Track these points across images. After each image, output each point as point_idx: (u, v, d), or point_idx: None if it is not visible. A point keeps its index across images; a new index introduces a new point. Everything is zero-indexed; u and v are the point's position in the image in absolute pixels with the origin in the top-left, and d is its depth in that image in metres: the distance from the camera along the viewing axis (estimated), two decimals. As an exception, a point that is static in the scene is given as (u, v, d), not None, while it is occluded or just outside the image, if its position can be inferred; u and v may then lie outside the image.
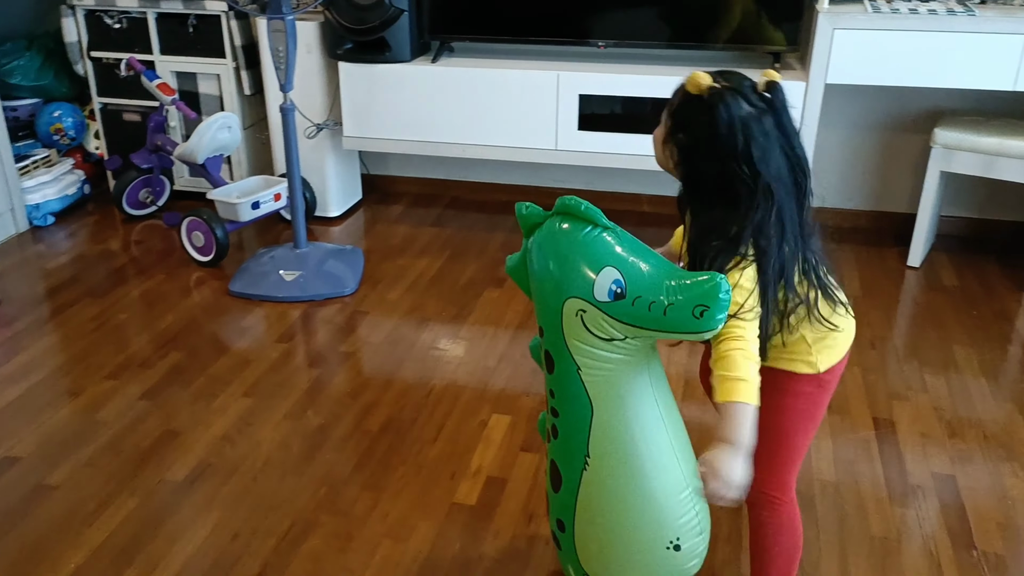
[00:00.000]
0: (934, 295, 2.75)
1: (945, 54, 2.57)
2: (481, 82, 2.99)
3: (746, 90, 1.29)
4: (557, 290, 1.30)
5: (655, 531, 1.40)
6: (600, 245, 1.28)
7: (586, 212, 1.29)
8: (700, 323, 1.22)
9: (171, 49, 3.25)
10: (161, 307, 2.70)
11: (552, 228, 1.33)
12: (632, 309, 1.25)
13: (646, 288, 1.25)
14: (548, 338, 1.36)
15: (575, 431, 1.38)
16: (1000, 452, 2.00)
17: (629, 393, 1.35)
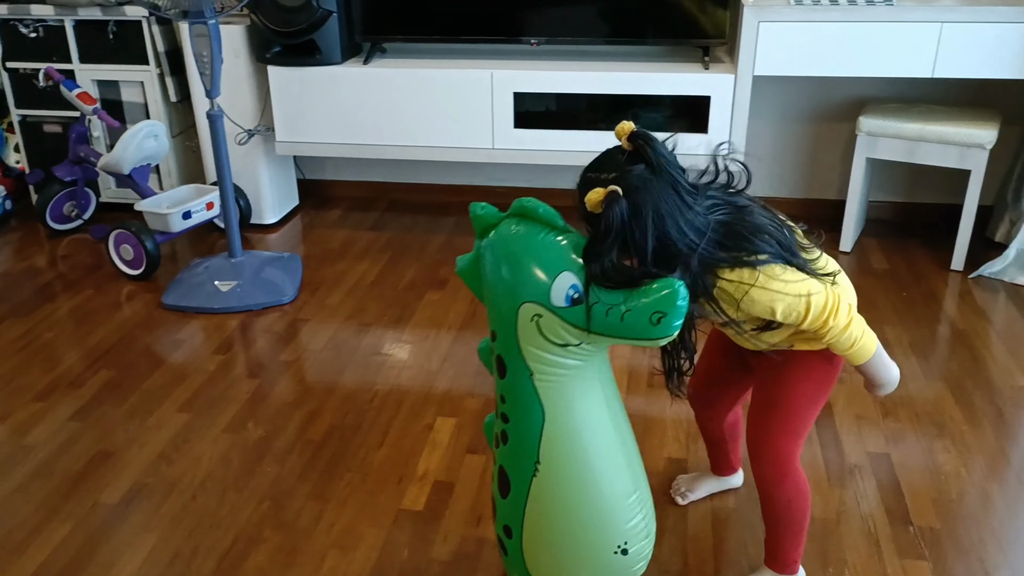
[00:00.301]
0: (865, 279, 2.82)
1: (866, 44, 2.64)
2: (415, 83, 2.96)
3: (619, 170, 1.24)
4: (512, 294, 1.28)
5: (604, 536, 1.40)
6: (557, 249, 1.25)
7: (544, 215, 1.26)
8: (657, 329, 1.21)
9: (91, 57, 3.15)
10: (90, 323, 2.61)
11: (507, 230, 1.30)
12: (588, 315, 1.23)
13: (603, 294, 1.23)
14: (501, 343, 1.33)
15: (526, 437, 1.36)
16: (932, 430, 2.06)
17: (581, 399, 1.34)
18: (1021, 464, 1.94)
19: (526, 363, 1.31)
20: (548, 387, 1.32)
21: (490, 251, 1.31)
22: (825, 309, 1.32)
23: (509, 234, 1.29)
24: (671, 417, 2.11)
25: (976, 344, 2.43)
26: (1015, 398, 2.18)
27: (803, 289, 1.32)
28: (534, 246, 1.26)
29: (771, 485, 1.50)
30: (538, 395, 1.32)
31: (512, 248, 1.28)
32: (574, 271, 1.24)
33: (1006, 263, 2.75)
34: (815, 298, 1.32)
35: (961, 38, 2.58)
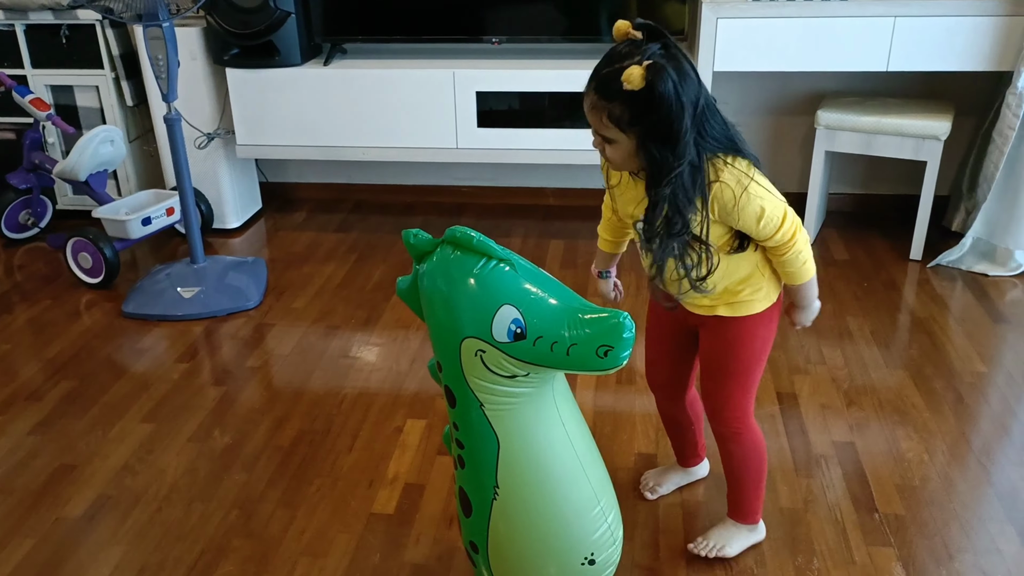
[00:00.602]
0: (827, 270, 2.86)
1: (823, 39, 2.68)
2: (376, 83, 2.94)
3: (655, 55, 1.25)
4: (453, 330, 1.23)
5: (569, 551, 1.39)
6: (496, 281, 1.21)
7: (478, 246, 1.21)
8: (604, 362, 1.19)
9: (44, 62, 3.08)
10: (49, 334, 2.55)
11: (444, 259, 1.24)
12: (533, 349, 1.20)
13: (548, 326, 1.20)
14: (447, 374, 1.30)
15: (482, 463, 1.34)
16: (895, 417, 2.09)
17: (535, 422, 1.32)
18: (981, 447, 1.98)
19: (475, 395, 1.27)
20: (500, 416, 1.29)
21: (430, 281, 1.26)
22: (795, 222, 1.39)
23: (448, 262, 1.23)
24: (640, 412, 2.12)
25: (935, 331, 2.47)
26: (974, 383, 2.23)
27: (781, 197, 1.39)
28: (473, 278, 1.21)
29: (731, 442, 1.61)
30: (490, 424, 1.29)
31: (452, 280, 1.22)
32: (515, 303, 1.20)
33: (963, 251, 2.81)
34: (789, 209, 1.39)
35: (914, 32, 2.62)
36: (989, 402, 2.15)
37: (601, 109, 1.30)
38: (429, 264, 1.26)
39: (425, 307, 1.29)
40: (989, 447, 1.98)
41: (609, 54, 1.30)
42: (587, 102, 1.33)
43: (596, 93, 1.30)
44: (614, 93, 1.27)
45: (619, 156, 1.35)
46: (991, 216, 2.76)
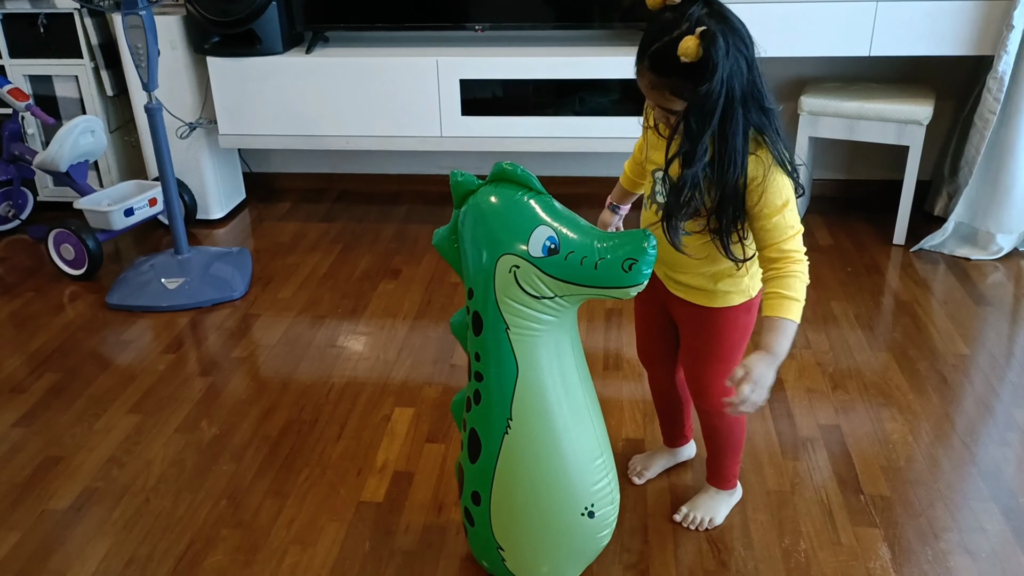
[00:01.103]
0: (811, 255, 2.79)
1: (805, 24, 2.69)
2: (359, 72, 2.92)
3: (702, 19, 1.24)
4: (492, 246, 1.34)
5: (571, 496, 1.45)
6: (534, 206, 1.34)
7: (522, 176, 1.34)
8: (628, 276, 1.29)
9: (21, 51, 3.04)
10: (32, 327, 2.53)
11: (487, 192, 1.37)
12: (565, 264, 1.30)
13: (578, 243, 1.31)
14: (478, 298, 1.39)
15: (499, 393, 1.41)
16: (879, 399, 2.11)
17: (553, 356, 1.40)
18: (965, 428, 2.00)
19: (503, 316, 1.36)
20: (522, 341, 1.37)
21: (473, 209, 1.38)
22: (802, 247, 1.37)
23: (491, 193, 1.36)
24: (627, 398, 2.13)
25: (919, 314, 2.50)
26: (957, 364, 2.25)
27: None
28: (514, 203, 1.34)
29: (714, 418, 1.66)
30: (513, 349, 1.37)
31: (492, 206, 1.35)
32: (549, 225, 1.32)
33: (945, 236, 2.83)
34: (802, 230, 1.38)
35: (896, 16, 2.64)
36: (972, 383, 2.18)
37: (662, 87, 1.29)
38: (473, 199, 1.38)
39: (466, 235, 1.39)
40: (973, 427, 2.01)
41: (654, 25, 1.27)
42: (644, 81, 1.31)
43: (653, 72, 1.28)
44: (672, 68, 1.25)
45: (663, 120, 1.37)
46: (972, 200, 2.79)
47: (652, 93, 1.32)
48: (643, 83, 1.32)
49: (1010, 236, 2.78)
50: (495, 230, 1.35)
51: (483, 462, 1.46)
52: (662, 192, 1.44)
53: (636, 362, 2.27)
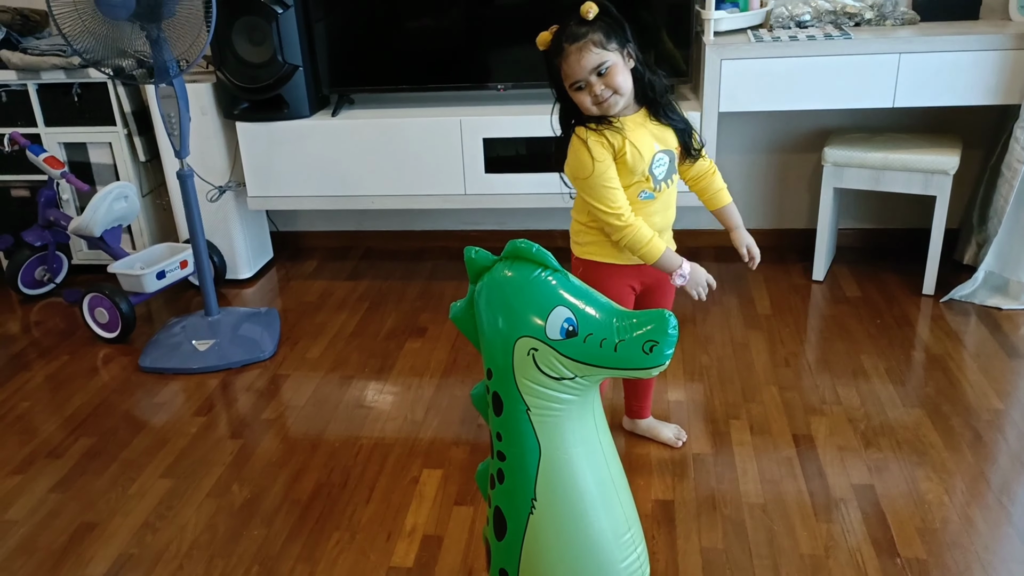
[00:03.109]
0: (839, 307, 2.87)
1: (827, 77, 2.70)
2: (384, 132, 2.98)
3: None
4: (509, 329, 1.33)
5: (600, 575, 1.42)
6: (551, 286, 1.33)
7: (537, 255, 1.34)
8: (649, 358, 1.27)
9: (57, 120, 3.14)
10: (67, 390, 2.58)
11: (502, 270, 1.37)
12: (584, 346, 1.29)
13: (597, 325, 1.30)
14: (497, 379, 1.38)
15: (522, 474, 1.39)
16: (913, 458, 2.08)
17: (576, 434, 1.38)
18: (1000, 486, 1.96)
19: (522, 397, 1.35)
20: (544, 422, 1.36)
21: (488, 289, 1.37)
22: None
23: (504, 274, 1.36)
24: (656, 458, 2.12)
25: (951, 367, 2.47)
26: (991, 420, 2.21)
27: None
28: (530, 283, 1.33)
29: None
30: (534, 430, 1.36)
31: (510, 285, 1.34)
32: (567, 305, 1.31)
33: (975, 286, 2.81)
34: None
35: (919, 68, 2.64)
36: (1007, 439, 2.14)
37: (585, 47, 1.66)
38: (488, 276, 1.38)
39: (482, 315, 1.38)
40: (1009, 486, 1.97)
41: (555, 37, 1.71)
42: (572, 58, 1.67)
43: (573, 40, 1.67)
44: (583, 31, 1.66)
45: (623, 78, 1.70)
46: (1003, 249, 2.76)
47: (584, 58, 1.67)
48: (572, 60, 1.67)
49: (1041, 285, 2.75)
50: (511, 312, 1.34)
51: (509, 540, 1.44)
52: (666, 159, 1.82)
53: (663, 417, 2.26)
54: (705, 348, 2.64)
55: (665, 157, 1.82)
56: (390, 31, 3.00)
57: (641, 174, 1.78)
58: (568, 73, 1.71)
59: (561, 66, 1.71)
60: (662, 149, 1.81)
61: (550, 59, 1.74)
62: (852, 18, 2.83)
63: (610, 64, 1.69)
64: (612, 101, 1.72)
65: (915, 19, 2.81)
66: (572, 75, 1.70)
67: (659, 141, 1.81)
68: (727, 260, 3.23)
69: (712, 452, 2.13)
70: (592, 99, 1.72)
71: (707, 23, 2.75)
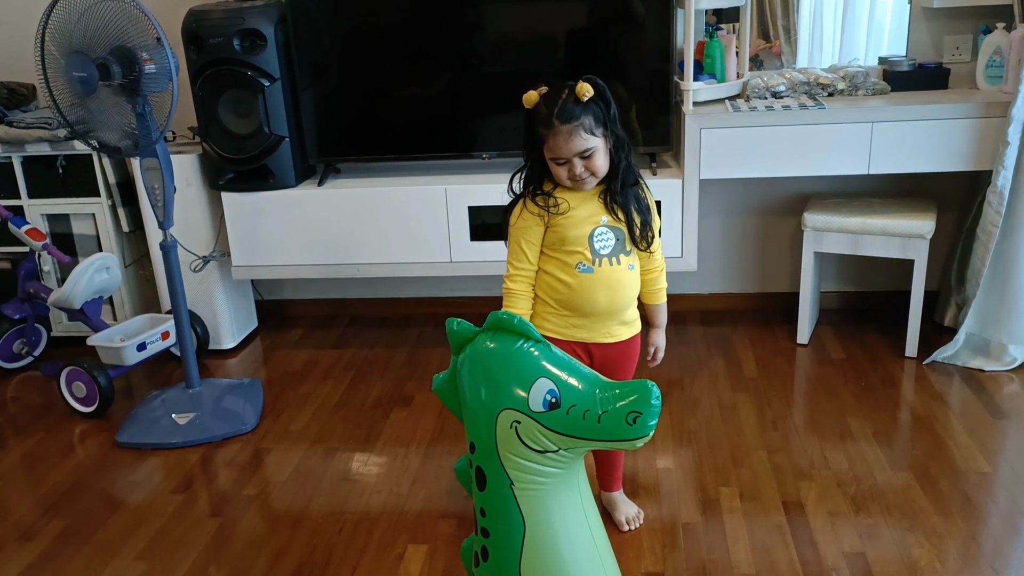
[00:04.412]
0: (824, 369, 2.87)
1: (803, 145, 2.76)
2: (370, 201, 3.00)
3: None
4: (492, 402, 1.32)
5: None
6: (533, 358, 1.32)
7: (519, 326, 1.33)
8: (633, 430, 1.26)
9: (41, 192, 3.14)
10: (42, 469, 2.51)
11: (484, 342, 1.36)
12: (567, 418, 1.28)
13: (580, 396, 1.29)
14: (480, 453, 1.36)
15: (507, 551, 1.36)
16: (904, 523, 2.06)
17: (561, 508, 1.36)
18: (992, 551, 1.94)
19: (506, 472, 1.33)
20: (528, 496, 1.33)
21: (470, 362, 1.36)
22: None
23: (486, 346, 1.35)
24: (646, 528, 2.08)
25: (937, 429, 2.46)
26: (980, 483, 2.20)
27: None
28: (512, 355, 1.32)
29: None
30: (518, 505, 1.34)
31: (492, 358, 1.33)
32: (550, 377, 1.30)
33: (957, 347, 2.82)
34: None
35: (891, 136, 2.71)
36: (996, 502, 2.12)
37: (575, 129, 1.68)
38: (470, 347, 1.36)
39: (465, 387, 1.37)
40: (1000, 550, 1.95)
41: (544, 100, 1.72)
42: (560, 138, 1.69)
43: (567, 121, 1.68)
44: (577, 111, 1.68)
45: (603, 161, 1.74)
46: (982, 311, 2.79)
47: (572, 141, 1.69)
48: (558, 140, 1.69)
49: (1022, 347, 2.77)
50: (494, 384, 1.32)
51: None
52: (612, 236, 1.81)
53: (652, 485, 2.24)
54: (693, 411, 2.63)
55: (610, 233, 1.81)
56: (376, 101, 3.04)
57: (576, 243, 1.79)
58: (553, 147, 1.73)
59: (547, 138, 1.73)
60: (609, 224, 1.81)
61: (533, 122, 1.75)
62: (825, 88, 2.90)
63: (594, 149, 1.72)
64: (588, 181, 1.76)
65: (886, 89, 2.89)
66: (557, 151, 1.73)
67: (608, 215, 1.81)
68: (712, 323, 3.25)
69: (702, 521, 2.10)
70: (568, 175, 1.75)
71: (686, 93, 2.81)
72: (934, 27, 3.00)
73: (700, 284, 3.36)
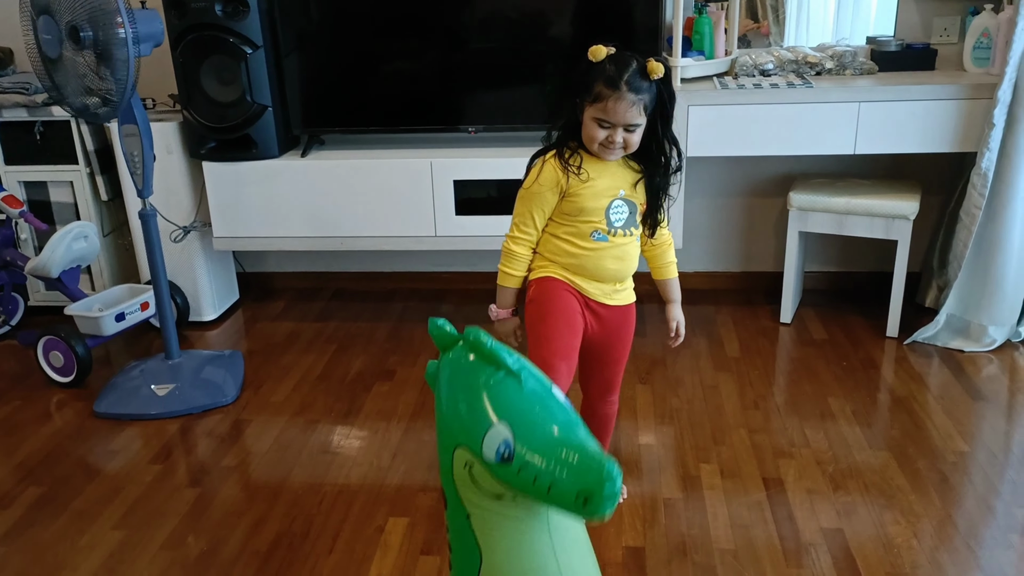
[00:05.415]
0: (806, 349, 2.88)
1: (790, 124, 2.75)
2: (354, 173, 2.97)
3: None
4: (450, 434, 1.22)
5: None
6: (498, 396, 1.17)
7: (490, 352, 1.19)
8: (583, 511, 1.10)
9: (17, 158, 3.08)
10: (18, 437, 2.48)
11: (457, 360, 1.23)
12: (517, 477, 1.15)
13: (534, 456, 1.13)
14: (442, 473, 1.26)
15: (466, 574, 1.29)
16: (881, 500, 2.08)
17: (522, 545, 1.24)
18: (968, 530, 1.96)
19: (462, 503, 1.24)
20: (485, 531, 1.24)
21: (440, 379, 1.25)
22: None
23: (458, 366, 1.22)
24: (627, 504, 2.09)
25: (916, 409, 2.48)
26: (957, 462, 2.22)
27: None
28: (478, 388, 1.18)
29: (614, 406, 2.04)
30: (475, 536, 1.24)
31: (458, 385, 1.21)
32: (510, 423, 1.15)
33: (937, 328, 2.84)
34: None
35: (878, 116, 2.70)
36: (973, 482, 2.14)
37: (637, 102, 1.67)
38: (445, 359, 1.26)
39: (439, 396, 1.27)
40: (976, 529, 1.97)
41: (615, 65, 1.67)
42: (622, 104, 1.66)
43: (633, 92, 1.66)
44: (644, 87, 1.67)
45: (638, 138, 1.73)
46: (963, 293, 2.81)
47: (631, 111, 1.67)
48: (620, 108, 1.67)
49: (1002, 328, 2.79)
50: (454, 417, 1.21)
51: None
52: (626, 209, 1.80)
53: (634, 462, 2.24)
54: (675, 390, 2.63)
55: (625, 206, 1.80)
56: (362, 72, 3.00)
57: (594, 214, 1.78)
58: (608, 109, 1.68)
59: (605, 98, 1.67)
60: (626, 196, 1.81)
61: (592, 77, 1.69)
62: (813, 67, 2.89)
63: (640, 126, 1.71)
64: (617, 152, 1.74)
65: (874, 69, 2.89)
66: (610, 115, 1.68)
67: (625, 189, 1.80)
68: (696, 302, 3.25)
69: (683, 497, 2.11)
70: (604, 141, 1.72)
71: (674, 70, 2.79)
72: (923, 8, 2.99)
73: (685, 263, 3.32)
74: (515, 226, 1.85)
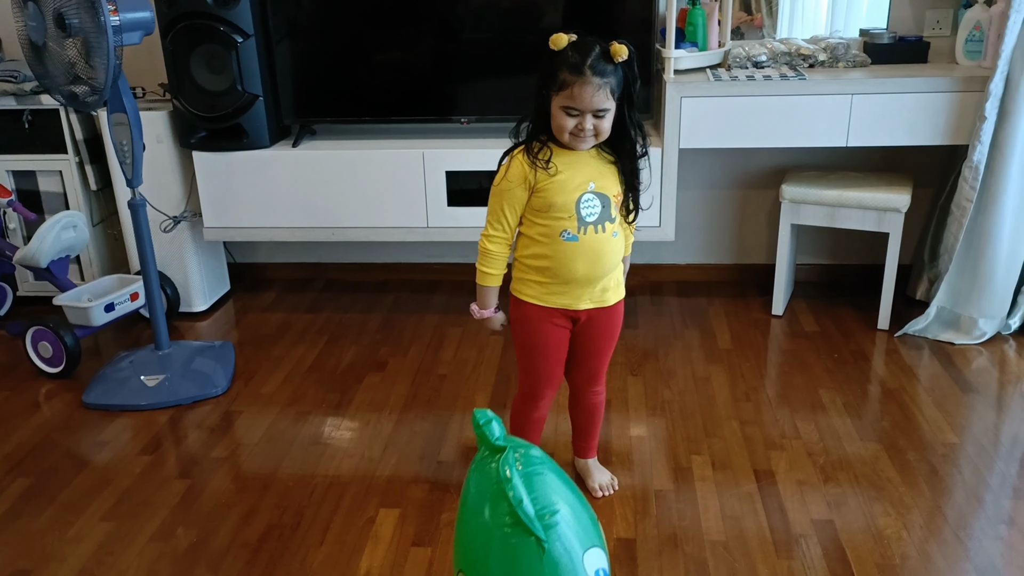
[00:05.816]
0: (798, 341, 2.88)
1: (783, 116, 2.74)
2: (346, 164, 2.95)
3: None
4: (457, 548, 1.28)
5: None
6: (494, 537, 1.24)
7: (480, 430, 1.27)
8: None
9: (5, 147, 3.05)
10: (5, 428, 2.47)
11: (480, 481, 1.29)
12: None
13: None
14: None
15: None
16: (871, 492, 2.08)
17: None
18: (957, 521, 1.97)
19: None
20: None
21: (468, 481, 1.33)
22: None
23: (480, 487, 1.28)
24: (619, 495, 2.09)
25: (906, 401, 2.49)
26: (946, 454, 2.23)
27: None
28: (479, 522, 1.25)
29: (600, 396, 2.05)
30: None
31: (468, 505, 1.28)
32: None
33: (928, 321, 2.85)
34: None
35: (870, 109, 2.70)
36: (962, 474, 2.15)
37: (603, 86, 1.65)
38: (475, 465, 1.32)
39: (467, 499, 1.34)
40: (965, 520, 1.97)
41: (575, 47, 1.67)
42: (588, 89, 1.64)
43: (598, 76, 1.64)
44: (609, 70, 1.65)
45: (609, 125, 1.71)
46: (954, 285, 2.81)
47: (597, 95, 1.65)
48: (587, 92, 1.65)
49: (992, 321, 2.80)
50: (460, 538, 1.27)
51: None
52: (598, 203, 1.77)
53: (626, 453, 2.24)
54: (667, 382, 2.63)
55: (596, 199, 1.78)
56: (353, 62, 2.98)
57: (563, 210, 1.76)
58: (575, 96, 1.67)
59: (570, 85, 1.66)
60: (596, 190, 1.78)
61: (556, 65, 1.68)
62: (806, 59, 2.88)
63: (609, 111, 1.70)
64: (589, 140, 1.73)
65: (866, 62, 2.88)
66: (577, 101, 1.67)
67: (596, 181, 1.78)
68: (689, 294, 3.25)
69: (674, 488, 2.11)
70: (574, 129, 1.71)
71: (667, 61, 2.78)
72: (915, 1, 2.99)
73: (677, 254, 3.36)
74: (489, 224, 1.84)
